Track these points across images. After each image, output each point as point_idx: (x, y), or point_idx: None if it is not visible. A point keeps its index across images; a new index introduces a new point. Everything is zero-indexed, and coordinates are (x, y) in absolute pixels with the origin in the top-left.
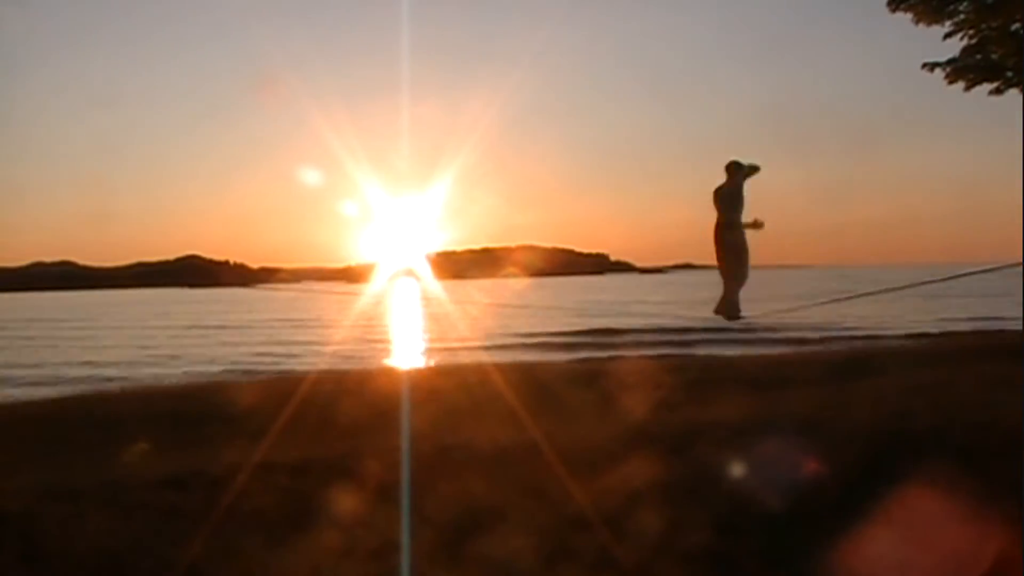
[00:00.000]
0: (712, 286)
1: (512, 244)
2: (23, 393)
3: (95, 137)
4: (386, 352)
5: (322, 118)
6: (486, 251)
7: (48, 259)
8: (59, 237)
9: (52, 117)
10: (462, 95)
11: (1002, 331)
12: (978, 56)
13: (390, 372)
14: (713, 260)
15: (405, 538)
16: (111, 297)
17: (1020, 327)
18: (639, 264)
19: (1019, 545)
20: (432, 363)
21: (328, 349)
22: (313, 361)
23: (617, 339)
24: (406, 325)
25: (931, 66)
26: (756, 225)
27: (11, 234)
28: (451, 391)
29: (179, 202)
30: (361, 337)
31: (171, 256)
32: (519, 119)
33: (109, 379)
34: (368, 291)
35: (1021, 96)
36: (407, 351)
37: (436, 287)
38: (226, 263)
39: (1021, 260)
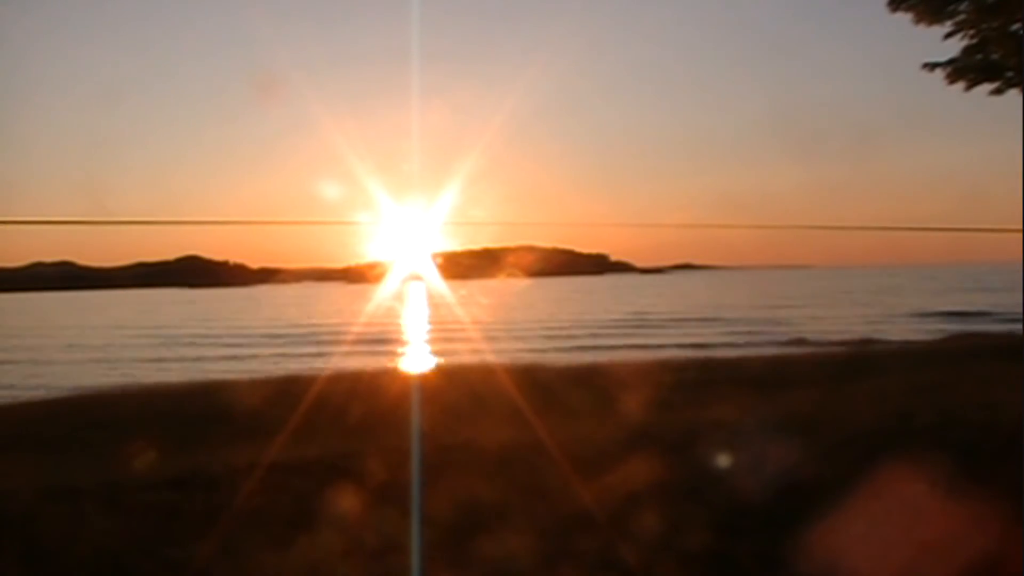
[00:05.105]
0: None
1: (512, 245)
2: (23, 393)
3: (96, 136)
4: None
5: (325, 118)
6: (486, 252)
7: (48, 259)
8: (59, 237)
9: (52, 117)
10: (466, 98)
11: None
12: (978, 56)
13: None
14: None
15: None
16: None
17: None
18: (639, 264)
19: (1019, 544)
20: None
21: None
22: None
23: None
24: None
25: (931, 66)
26: None
27: (10, 234)
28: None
29: (179, 202)
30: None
31: (171, 256)
32: (519, 121)
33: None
34: (387, 293)
35: (1021, 96)
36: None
37: (444, 288)
38: (226, 263)
39: (1021, 258)
